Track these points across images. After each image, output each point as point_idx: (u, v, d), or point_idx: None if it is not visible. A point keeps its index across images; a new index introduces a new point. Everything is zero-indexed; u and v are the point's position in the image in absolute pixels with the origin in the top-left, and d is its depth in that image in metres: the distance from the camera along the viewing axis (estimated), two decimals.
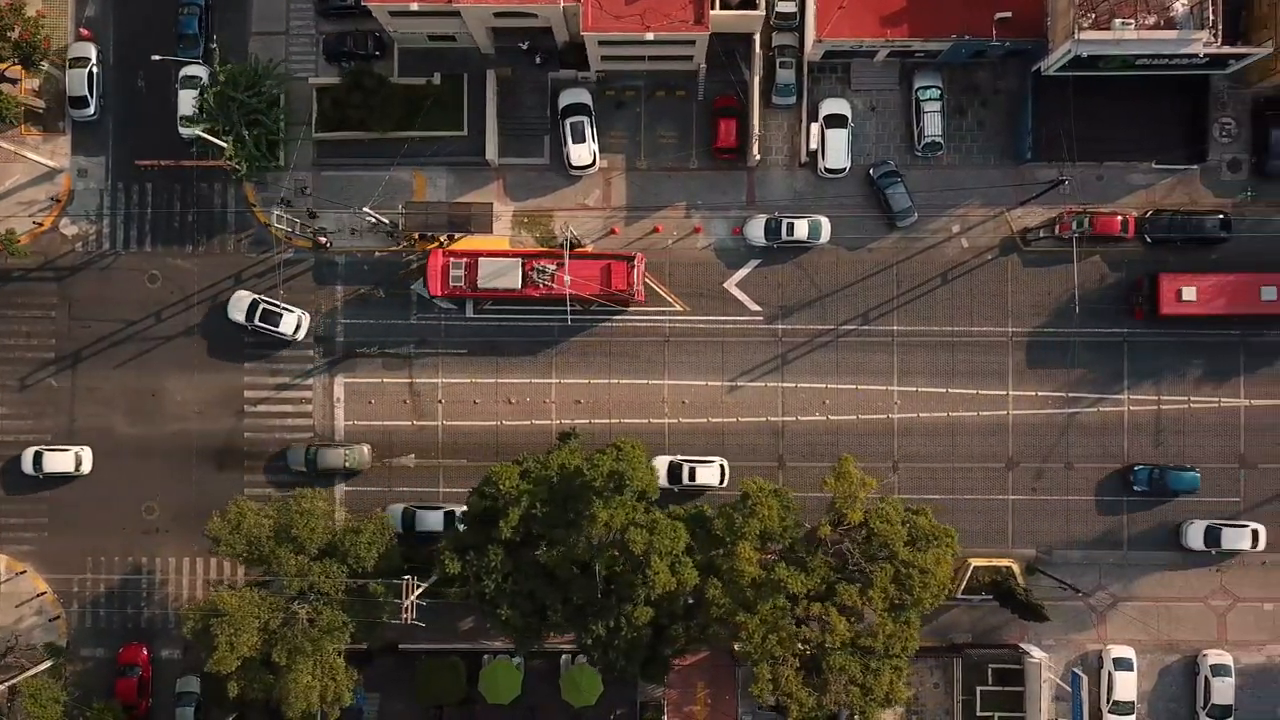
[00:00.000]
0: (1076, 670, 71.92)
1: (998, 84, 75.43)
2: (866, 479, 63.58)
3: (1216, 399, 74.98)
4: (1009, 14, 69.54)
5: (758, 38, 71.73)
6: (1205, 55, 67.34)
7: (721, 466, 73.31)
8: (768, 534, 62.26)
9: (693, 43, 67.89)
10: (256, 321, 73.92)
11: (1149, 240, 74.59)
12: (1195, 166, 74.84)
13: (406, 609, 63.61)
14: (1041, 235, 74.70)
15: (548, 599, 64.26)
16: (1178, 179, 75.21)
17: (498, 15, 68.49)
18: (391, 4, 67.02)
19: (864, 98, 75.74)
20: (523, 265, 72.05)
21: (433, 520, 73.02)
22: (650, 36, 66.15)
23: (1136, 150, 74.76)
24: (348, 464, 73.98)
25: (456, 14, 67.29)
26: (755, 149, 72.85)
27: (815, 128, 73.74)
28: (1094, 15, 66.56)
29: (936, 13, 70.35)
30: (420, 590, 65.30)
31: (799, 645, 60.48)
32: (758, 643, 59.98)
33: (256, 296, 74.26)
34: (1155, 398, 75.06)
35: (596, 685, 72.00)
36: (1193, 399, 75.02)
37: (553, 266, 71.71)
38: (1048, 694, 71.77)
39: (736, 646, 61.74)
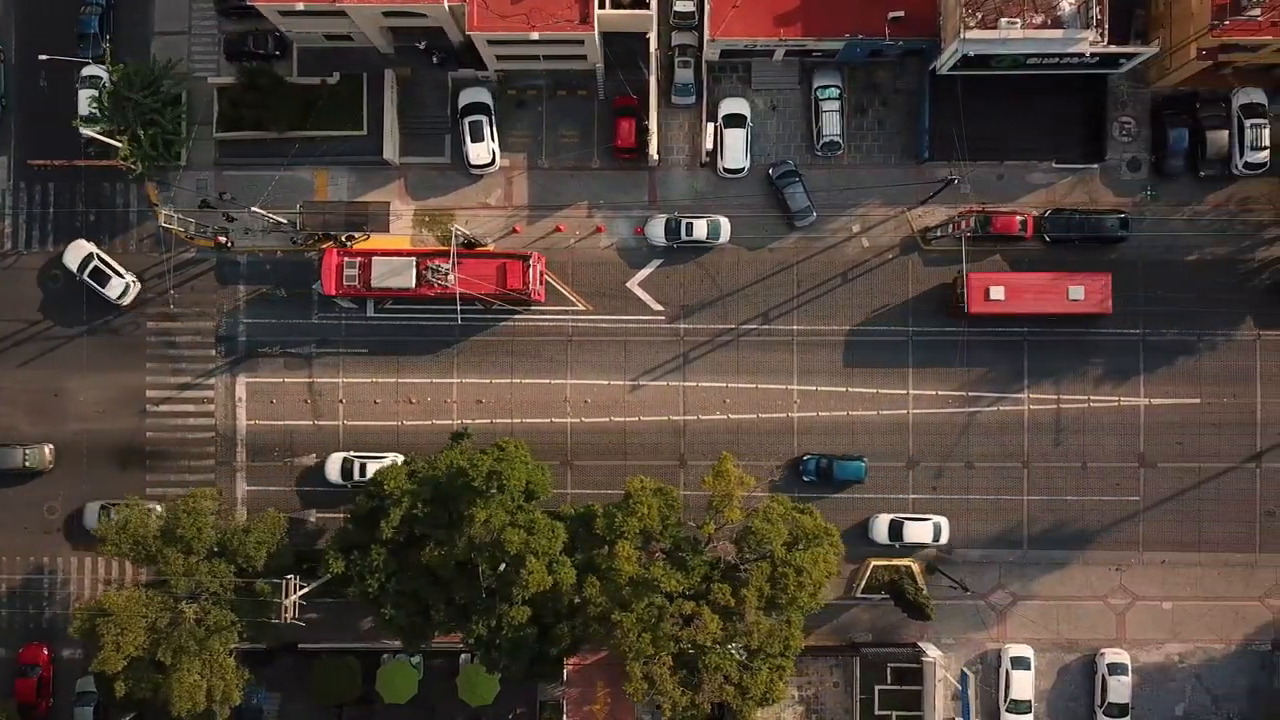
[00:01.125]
0: (965, 669, 71.96)
1: (898, 83, 75.43)
2: (745, 478, 63.56)
3: (1116, 398, 75.04)
4: (901, 13, 69.54)
5: (653, 37, 71.69)
6: (1092, 54, 67.36)
7: None
8: (648, 533, 62.22)
9: (582, 42, 67.80)
10: (85, 276, 73.95)
11: (1048, 239, 74.64)
12: (1095, 166, 74.92)
13: (287, 608, 63.55)
14: (940, 234, 74.72)
15: (431, 599, 64.34)
16: (1078, 178, 75.22)
17: (387, 15, 68.49)
18: (279, 3, 66.95)
19: (765, 97, 75.76)
20: (417, 264, 71.96)
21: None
22: (535, 36, 66.16)
23: (1036, 149, 74.98)
24: (27, 464, 74.11)
25: (344, 14, 67.19)
26: (652, 149, 72.86)
27: (711, 127, 73.77)
28: (981, 14, 66.59)
29: (830, 12, 70.28)
30: (305, 591, 65.35)
31: (673, 644, 60.37)
32: (632, 641, 59.96)
33: (95, 250, 74.27)
34: (1055, 397, 75.09)
35: (493, 685, 72.04)
36: (1092, 398, 75.07)
37: (447, 265, 71.64)
38: (941, 693, 71.88)
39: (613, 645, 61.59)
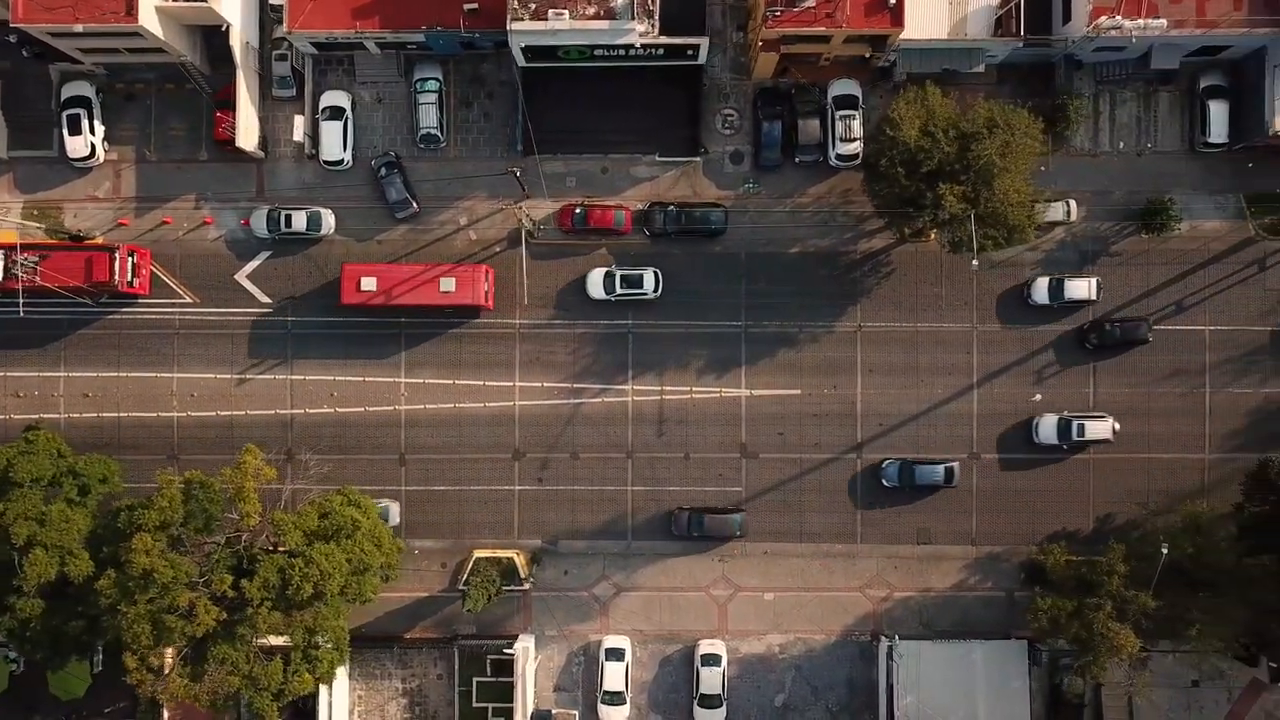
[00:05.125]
0: (531, 661, 72.02)
1: (502, 76, 75.45)
2: (264, 470, 63.59)
3: (718, 389, 75.22)
4: (476, 5, 69.49)
5: (237, 30, 71.42)
6: (643, 45, 67.54)
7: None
8: (167, 525, 62.11)
9: (138, 34, 67.59)
10: None
11: (648, 233, 74.78)
12: (697, 159, 75.09)
13: None
14: (541, 228, 74.77)
15: None
16: (681, 171, 75.38)
17: None
18: None
19: (370, 89, 75.76)
20: (5, 257, 71.80)
21: None
22: (80, 29, 66.01)
23: (639, 142, 75.09)
24: None
25: None
26: (239, 141, 72.69)
27: (299, 119, 73.81)
28: (534, 6, 66.69)
29: (406, 4, 70.25)
30: None
31: (177, 635, 60.39)
32: (134, 632, 59.95)
33: None
34: (659, 388, 75.25)
35: (84, 678, 71.94)
36: (695, 389, 75.23)
37: (35, 259, 71.51)
38: (524, 685, 71.89)
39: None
